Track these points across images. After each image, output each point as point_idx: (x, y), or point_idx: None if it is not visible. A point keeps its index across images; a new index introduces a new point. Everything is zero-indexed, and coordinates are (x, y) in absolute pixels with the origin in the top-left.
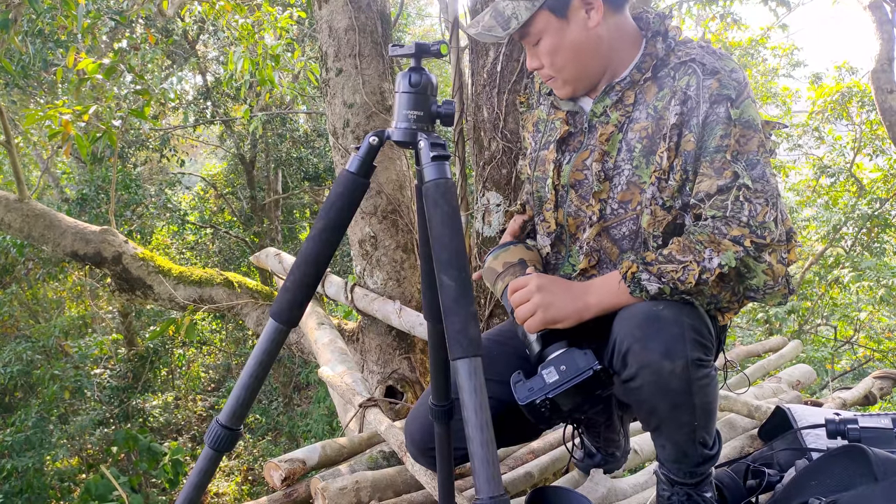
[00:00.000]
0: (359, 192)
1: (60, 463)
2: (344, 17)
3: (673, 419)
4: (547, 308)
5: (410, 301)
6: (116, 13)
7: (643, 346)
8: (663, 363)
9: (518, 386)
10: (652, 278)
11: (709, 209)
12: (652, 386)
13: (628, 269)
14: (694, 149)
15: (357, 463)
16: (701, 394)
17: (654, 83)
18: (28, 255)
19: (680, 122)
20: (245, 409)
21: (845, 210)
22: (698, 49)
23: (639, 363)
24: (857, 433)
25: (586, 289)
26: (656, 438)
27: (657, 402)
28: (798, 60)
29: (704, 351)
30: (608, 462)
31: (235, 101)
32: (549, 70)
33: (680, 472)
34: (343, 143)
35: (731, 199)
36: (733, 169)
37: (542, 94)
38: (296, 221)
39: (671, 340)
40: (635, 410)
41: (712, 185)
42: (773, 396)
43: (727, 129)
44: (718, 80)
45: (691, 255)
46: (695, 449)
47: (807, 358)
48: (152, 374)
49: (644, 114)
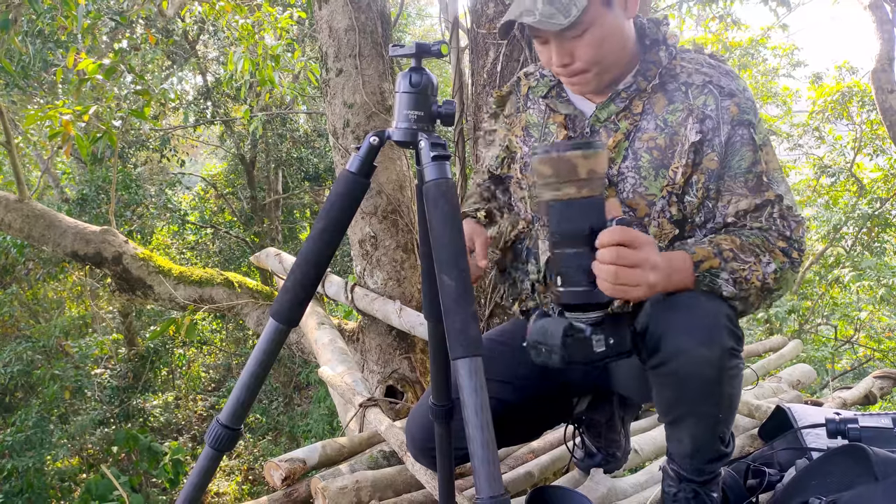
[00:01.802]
0: (359, 192)
1: (61, 463)
2: (344, 18)
3: (698, 409)
4: (650, 289)
5: (411, 301)
6: (116, 13)
7: (680, 332)
8: (700, 350)
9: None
10: (729, 281)
11: (752, 222)
12: (685, 373)
13: (708, 262)
14: (717, 168)
15: (357, 463)
16: (730, 384)
17: (663, 95)
18: (28, 256)
19: (701, 140)
20: (245, 409)
21: (846, 210)
22: (708, 69)
23: (673, 349)
24: (857, 433)
25: (677, 268)
26: (674, 431)
27: (687, 390)
28: (798, 60)
29: (737, 341)
30: (609, 462)
31: (236, 101)
32: (583, 64)
33: (691, 468)
34: (343, 143)
35: (775, 214)
36: (775, 191)
37: (529, 97)
38: (296, 221)
39: (709, 328)
40: (656, 399)
41: (751, 204)
42: (774, 396)
43: (756, 153)
44: (737, 105)
45: (753, 257)
46: (713, 444)
47: (807, 357)
48: (153, 373)
49: (653, 125)
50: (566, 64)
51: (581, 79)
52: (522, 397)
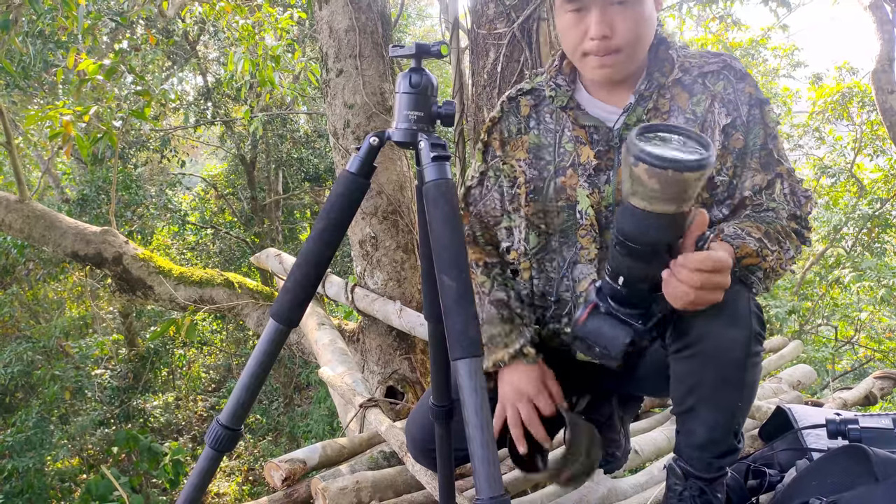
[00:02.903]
0: (359, 193)
1: (61, 463)
2: (344, 18)
3: (718, 395)
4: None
5: (411, 301)
6: (117, 14)
7: (710, 315)
8: (731, 331)
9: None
10: (761, 278)
11: (768, 201)
12: (711, 355)
13: (749, 259)
14: (741, 146)
15: (357, 463)
16: (752, 371)
17: (682, 90)
18: (28, 256)
19: (730, 122)
20: (246, 410)
21: (846, 210)
22: (715, 57)
23: (704, 330)
24: (857, 433)
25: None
26: (687, 421)
27: (709, 373)
28: (798, 61)
29: (762, 327)
30: (608, 462)
31: (236, 101)
32: (621, 41)
33: (701, 463)
34: (343, 143)
35: (785, 189)
36: (785, 166)
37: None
38: (296, 222)
39: (738, 311)
40: (674, 386)
41: (764, 180)
42: (774, 396)
43: (769, 130)
44: (753, 86)
45: (777, 245)
46: (727, 435)
47: (807, 358)
48: (153, 374)
49: (682, 119)
50: (605, 36)
51: (614, 59)
52: None
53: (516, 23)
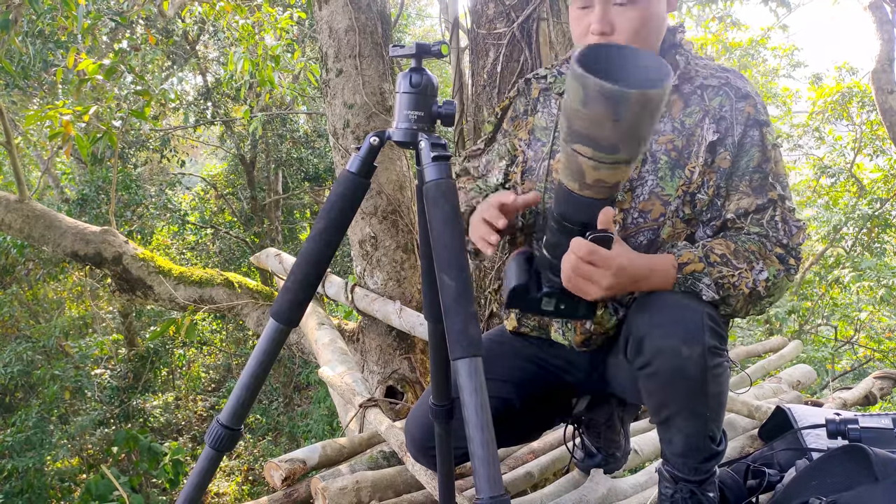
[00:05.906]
0: (359, 193)
1: (61, 463)
2: (344, 18)
3: (686, 408)
4: (605, 292)
5: (411, 301)
6: (117, 14)
7: (661, 332)
8: (681, 349)
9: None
10: (711, 286)
11: (750, 225)
12: (668, 372)
13: (692, 265)
14: (728, 167)
15: (357, 463)
16: (714, 383)
17: (679, 98)
18: (28, 256)
19: (718, 140)
20: (245, 409)
21: (845, 210)
22: (722, 72)
23: (655, 349)
24: (857, 433)
25: (645, 276)
26: (665, 431)
27: (672, 389)
28: (798, 61)
29: (720, 340)
30: (608, 462)
31: (236, 101)
32: (621, 38)
33: (686, 468)
34: (343, 143)
35: (776, 217)
36: (777, 192)
37: (540, 100)
38: (296, 222)
39: (689, 327)
40: (646, 400)
41: (752, 204)
42: (774, 396)
43: (766, 153)
44: (753, 106)
45: (745, 264)
46: (704, 442)
47: (807, 358)
48: (153, 374)
49: (670, 126)
50: (604, 33)
51: None
52: (522, 397)
53: (516, 23)
